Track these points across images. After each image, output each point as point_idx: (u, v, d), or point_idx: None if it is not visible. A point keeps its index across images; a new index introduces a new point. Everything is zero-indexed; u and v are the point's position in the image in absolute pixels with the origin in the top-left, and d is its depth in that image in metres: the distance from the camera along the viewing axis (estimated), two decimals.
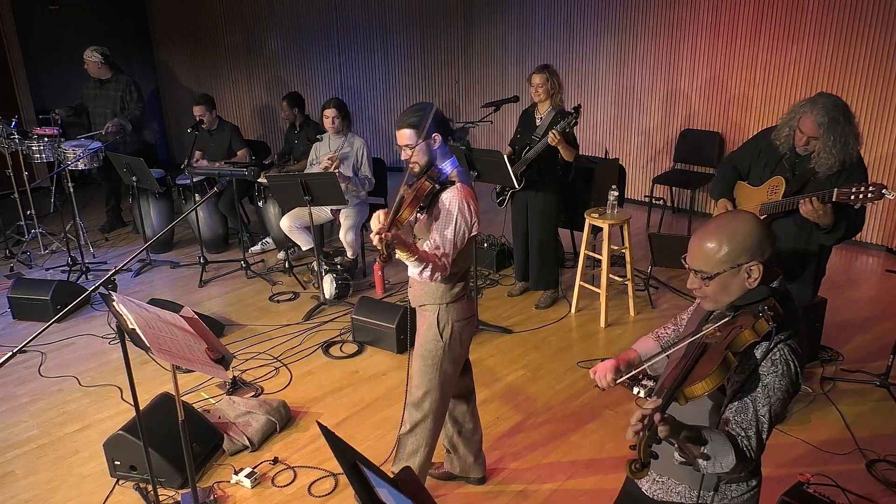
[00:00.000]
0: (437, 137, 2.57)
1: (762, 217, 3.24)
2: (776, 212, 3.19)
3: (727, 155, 3.63)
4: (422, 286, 2.67)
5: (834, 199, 2.95)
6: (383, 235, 2.35)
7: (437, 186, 2.53)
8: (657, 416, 1.50)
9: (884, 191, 2.87)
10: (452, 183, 2.57)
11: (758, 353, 1.65)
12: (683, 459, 1.62)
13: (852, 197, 2.92)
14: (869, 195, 2.90)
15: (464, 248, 2.62)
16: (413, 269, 2.53)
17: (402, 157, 2.61)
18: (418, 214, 2.58)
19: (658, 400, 1.58)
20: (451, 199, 2.53)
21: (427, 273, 2.50)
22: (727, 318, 1.72)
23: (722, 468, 1.60)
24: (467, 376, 3.02)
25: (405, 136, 2.55)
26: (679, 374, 1.63)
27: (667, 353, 1.88)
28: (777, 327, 1.63)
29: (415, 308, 2.80)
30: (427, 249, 2.53)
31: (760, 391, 1.63)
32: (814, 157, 3.06)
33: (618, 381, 1.98)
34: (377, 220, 2.45)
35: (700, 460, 1.60)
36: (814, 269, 3.30)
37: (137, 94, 6.20)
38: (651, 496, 1.88)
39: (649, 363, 1.94)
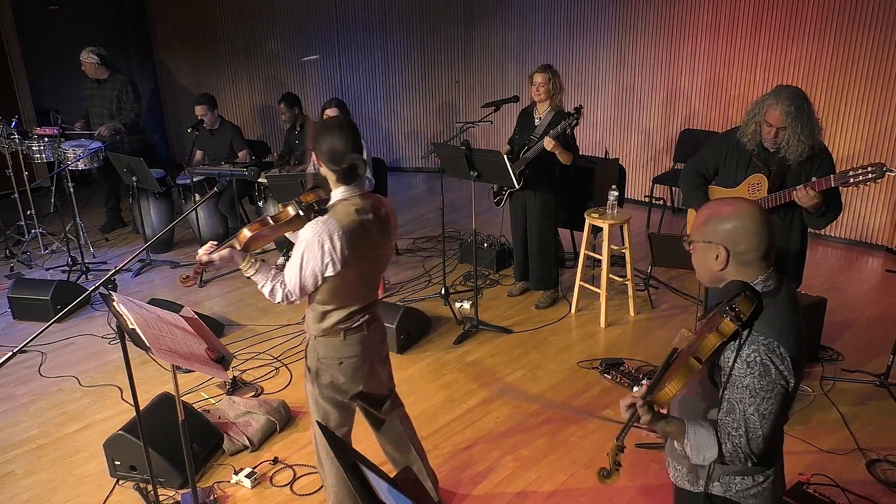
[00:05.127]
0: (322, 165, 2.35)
1: None
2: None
3: (688, 162, 3.56)
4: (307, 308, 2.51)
5: (833, 185, 2.97)
6: (211, 255, 2.31)
7: (301, 213, 2.32)
8: (638, 402, 1.61)
9: (884, 168, 2.88)
10: (324, 212, 2.32)
11: (729, 354, 1.65)
12: (680, 448, 1.71)
13: (851, 179, 2.93)
14: (870, 175, 2.90)
15: (338, 285, 2.36)
16: (258, 284, 2.37)
17: None
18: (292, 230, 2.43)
19: (640, 391, 1.67)
20: (304, 231, 2.31)
21: (266, 290, 2.35)
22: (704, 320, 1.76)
23: (705, 460, 1.68)
24: (391, 422, 2.75)
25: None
26: (654, 380, 1.69)
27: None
28: (746, 326, 1.61)
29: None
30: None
31: (741, 392, 1.63)
32: (783, 147, 3.10)
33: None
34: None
35: (683, 449, 1.70)
36: (798, 261, 3.35)
37: (134, 94, 6.17)
38: None
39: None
